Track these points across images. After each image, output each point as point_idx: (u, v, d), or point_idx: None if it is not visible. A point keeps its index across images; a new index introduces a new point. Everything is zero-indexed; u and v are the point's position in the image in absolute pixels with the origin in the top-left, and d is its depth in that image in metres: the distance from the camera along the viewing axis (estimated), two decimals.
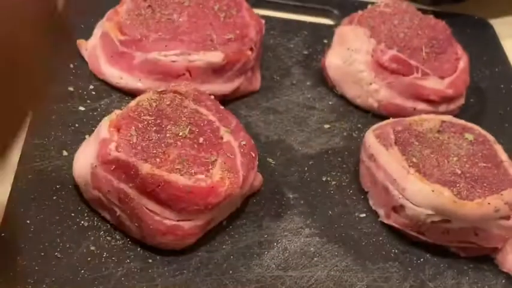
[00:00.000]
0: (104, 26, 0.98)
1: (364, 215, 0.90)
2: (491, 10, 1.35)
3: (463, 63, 1.05)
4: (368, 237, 0.87)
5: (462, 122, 0.96)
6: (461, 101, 1.05)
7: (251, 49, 0.99)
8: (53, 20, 0.55)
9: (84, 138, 0.86)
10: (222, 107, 0.88)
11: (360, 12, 1.08)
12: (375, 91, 1.01)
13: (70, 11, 1.07)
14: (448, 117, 0.96)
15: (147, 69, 0.94)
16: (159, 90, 0.86)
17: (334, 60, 1.05)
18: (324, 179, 0.93)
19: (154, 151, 0.78)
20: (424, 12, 1.11)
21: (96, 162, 0.77)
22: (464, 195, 0.83)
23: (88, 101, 0.95)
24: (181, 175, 0.76)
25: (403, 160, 0.86)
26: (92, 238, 0.79)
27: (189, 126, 0.82)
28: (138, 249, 0.79)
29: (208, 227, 0.81)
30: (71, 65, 0.99)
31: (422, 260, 0.86)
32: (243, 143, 0.83)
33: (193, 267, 0.79)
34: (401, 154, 0.87)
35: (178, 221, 0.77)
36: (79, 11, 1.08)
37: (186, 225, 0.77)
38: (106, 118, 0.82)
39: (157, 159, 0.77)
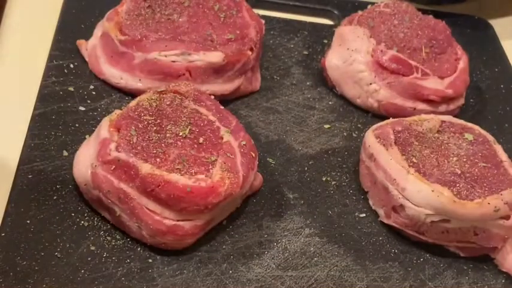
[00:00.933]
0: (104, 26, 0.98)
1: (364, 215, 0.90)
2: (491, 10, 1.35)
3: (463, 63, 1.05)
4: (368, 237, 0.87)
5: (462, 122, 0.96)
6: (461, 101, 1.05)
7: (251, 49, 0.99)
8: None
9: (84, 138, 0.86)
10: (222, 107, 0.88)
11: (360, 12, 1.09)
12: (374, 91, 1.01)
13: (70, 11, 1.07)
14: (448, 117, 0.96)
15: (147, 69, 0.94)
16: (159, 90, 0.86)
17: (334, 60, 1.05)
18: (324, 179, 0.93)
19: (155, 151, 0.78)
20: (424, 12, 1.11)
21: (96, 162, 0.77)
22: (464, 195, 0.83)
23: (88, 101, 0.95)
24: (181, 175, 0.76)
25: (403, 160, 0.86)
26: (92, 238, 0.79)
27: (189, 126, 0.82)
28: (138, 249, 0.79)
29: (208, 227, 0.81)
30: (71, 65, 0.99)
31: (422, 260, 0.86)
32: (243, 143, 0.83)
33: (193, 267, 0.79)
34: (401, 154, 0.87)
35: (178, 221, 0.77)
36: (79, 11, 1.08)
37: (186, 225, 0.77)
38: (106, 118, 0.82)
39: (158, 159, 0.77)
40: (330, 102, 1.06)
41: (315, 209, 0.89)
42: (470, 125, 0.95)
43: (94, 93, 0.96)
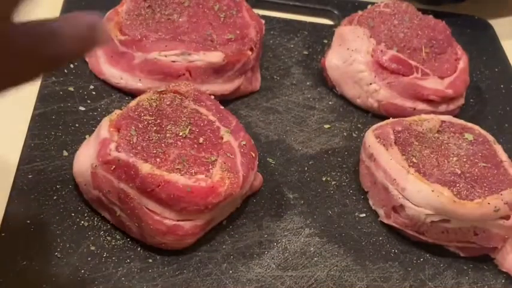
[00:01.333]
0: None
1: (364, 215, 0.90)
2: (491, 10, 1.35)
3: (463, 63, 1.05)
4: (368, 237, 0.87)
5: (462, 122, 0.96)
6: (461, 101, 1.05)
7: (251, 49, 0.99)
8: None
9: (84, 138, 0.86)
10: (222, 107, 0.88)
11: (359, 12, 1.08)
12: (374, 91, 1.01)
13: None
14: (448, 117, 0.96)
15: (147, 69, 0.94)
16: (159, 90, 0.86)
17: (334, 60, 1.05)
18: (324, 179, 0.93)
19: (155, 151, 0.78)
20: (424, 12, 1.11)
21: (96, 162, 0.77)
22: (464, 195, 0.83)
23: (88, 101, 0.95)
24: (181, 175, 0.76)
25: (403, 160, 0.86)
26: (92, 238, 0.79)
27: (189, 126, 0.82)
28: (138, 249, 0.79)
29: (208, 227, 0.81)
30: (71, 65, 0.99)
31: (422, 260, 0.86)
32: (243, 143, 0.83)
33: (193, 267, 0.79)
34: (401, 154, 0.87)
35: (178, 221, 0.77)
36: (79, 11, 1.08)
37: (186, 225, 0.77)
38: (106, 118, 0.82)
39: (158, 159, 0.77)
40: (330, 102, 1.06)
41: (315, 209, 0.89)
42: (470, 125, 0.95)
43: (94, 93, 0.96)
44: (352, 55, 1.02)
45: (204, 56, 0.94)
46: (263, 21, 1.04)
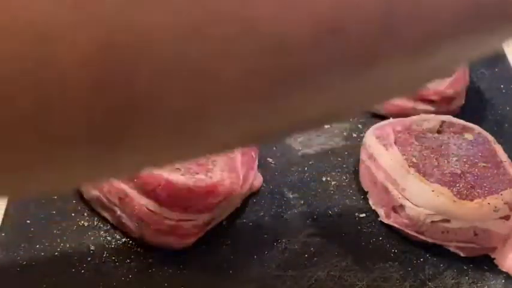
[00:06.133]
0: None
1: (364, 215, 0.90)
2: None
3: None
4: (368, 237, 0.87)
5: (462, 122, 0.96)
6: (461, 101, 1.05)
7: None
8: None
9: None
10: None
11: None
12: None
13: None
14: (448, 117, 0.96)
15: None
16: None
17: None
18: (324, 179, 0.93)
19: None
20: None
21: None
22: (464, 195, 0.83)
23: None
24: (181, 175, 0.76)
25: (403, 160, 0.86)
26: (92, 238, 0.79)
27: None
28: (138, 249, 0.79)
29: (208, 227, 0.81)
30: None
31: (422, 260, 0.86)
32: None
33: (193, 267, 0.79)
34: (401, 154, 0.87)
35: (178, 221, 0.77)
36: None
37: (186, 225, 0.77)
38: None
39: None
40: None
41: (315, 209, 0.89)
42: (470, 125, 0.95)
43: None
44: None
45: None
46: None
